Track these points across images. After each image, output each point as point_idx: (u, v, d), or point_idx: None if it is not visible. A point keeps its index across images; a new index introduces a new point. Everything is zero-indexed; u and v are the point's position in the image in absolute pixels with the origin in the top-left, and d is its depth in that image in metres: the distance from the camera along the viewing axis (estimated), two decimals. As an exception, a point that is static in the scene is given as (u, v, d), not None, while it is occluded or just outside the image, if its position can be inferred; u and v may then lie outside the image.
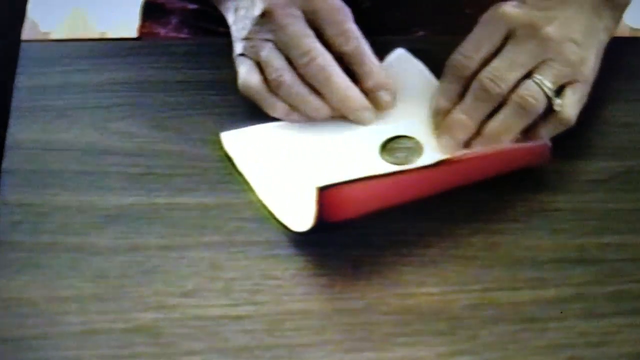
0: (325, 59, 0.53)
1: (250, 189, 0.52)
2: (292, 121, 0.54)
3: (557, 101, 0.52)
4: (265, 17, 0.54)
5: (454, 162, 0.50)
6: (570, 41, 0.53)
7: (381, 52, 0.56)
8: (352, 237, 0.50)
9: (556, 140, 0.52)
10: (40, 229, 0.50)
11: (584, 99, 0.54)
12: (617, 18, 0.57)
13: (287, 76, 0.53)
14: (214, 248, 0.49)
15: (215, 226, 0.50)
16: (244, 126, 0.54)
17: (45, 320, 0.46)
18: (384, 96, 0.54)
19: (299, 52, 0.53)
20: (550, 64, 0.53)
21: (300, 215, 0.49)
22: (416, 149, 0.53)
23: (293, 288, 0.48)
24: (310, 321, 0.46)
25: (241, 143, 0.53)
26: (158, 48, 0.60)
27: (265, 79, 0.54)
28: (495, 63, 0.52)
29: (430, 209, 0.51)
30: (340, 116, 0.54)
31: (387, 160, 0.53)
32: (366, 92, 0.54)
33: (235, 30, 0.56)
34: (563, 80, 0.53)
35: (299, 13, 0.54)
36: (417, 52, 0.57)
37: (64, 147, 0.54)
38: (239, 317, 0.46)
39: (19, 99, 0.56)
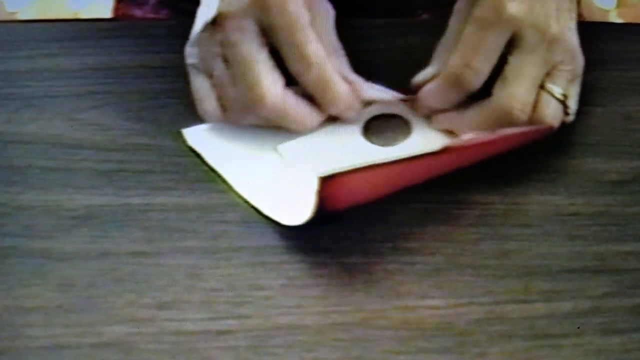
0: (276, 95, 0.48)
1: (230, 188, 0.49)
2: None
3: (570, 103, 0.51)
4: (216, 24, 0.49)
5: (457, 148, 0.48)
6: (568, 31, 0.50)
7: (383, 36, 0.53)
8: (348, 243, 0.47)
9: (574, 137, 0.51)
10: (1, 232, 0.48)
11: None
12: None
13: (237, 107, 0.49)
14: (193, 255, 0.47)
15: (195, 230, 0.48)
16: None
17: (7, 334, 0.44)
18: (350, 115, 0.51)
19: (247, 83, 0.48)
20: (559, 67, 0.50)
21: (293, 209, 0.47)
22: (403, 127, 0.52)
23: (282, 300, 0.45)
24: (301, 337, 0.44)
25: (208, 137, 0.51)
26: (135, 30, 0.58)
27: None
28: (514, 86, 0.49)
29: (434, 212, 0.48)
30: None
31: (374, 142, 0.51)
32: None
33: (196, 24, 0.51)
34: (571, 79, 0.51)
35: (252, 27, 0.48)
36: (421, 34, 0.55)
37: (29, 140, 0.52)
38: (221, 333, 0.44)
39: (-19, 85, 0.54)
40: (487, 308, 0.45)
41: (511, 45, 0.49)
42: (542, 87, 0.50)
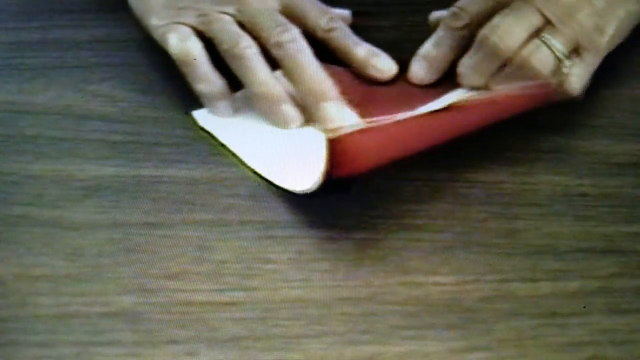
0: (299, 36, 0.50)
1: (242, 162, 0.49)
2: (218, 110, 0.51)
3: (567, 63, 0.50)
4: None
5: (461, 107, 0.48)
6: (587, 4, 0.51)
7: (396, 13, 0.53)
8: (356, 218, 0.47)
9: (584, 119, 0.51)
10: (11, 200, 0.48)
11: (594, 68, 0.52)
12: None
13: (252, 48, 0.50)
14: (203, 227, 0.47)
15: (204, 203, 0.48)
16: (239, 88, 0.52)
17: (15, 301, 0.44)
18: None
19: (273, 23, 0.50)
20: (560, 26, 0.50)
21: (304, 175, 0.47)
22: None
23: (290, 273, 0.45)
24: (308, 310, 0.44)
25: (217, 117, 0.51)
26: None
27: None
28: (499, 18, 0.50)
29: (443, 190, 0.48)
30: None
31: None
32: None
33: None
34: (573, 45, 0.50)
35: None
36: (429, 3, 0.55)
37: (40, 111, 0.52)
38: (228, 304, 0.44)
39: (-7, 56, 0.55)
40: (494, 286, 0.45)
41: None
42: (538, 36, 0.50)
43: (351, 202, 0.48)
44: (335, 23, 0.53)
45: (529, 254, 0.46)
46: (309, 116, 0.51)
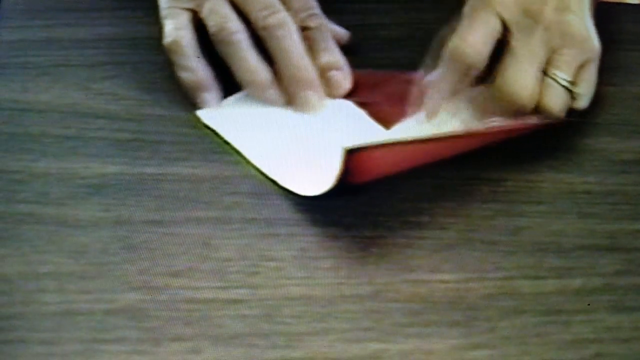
0: (285, 16, 0.50)
1: (246, 160, 0.49)
2: (203, 101, 0.51)
3: (578, 92, 0.50)
4: None
5: (480, 133, 0.48)
6: (571, 15, 0.50)
7: (395, 11, 0.53)
8: (360, 216, 0.47)
9: (588, 116, 0.51)
10: (16, 198, 0.47)
11: (596, 75, 0.51)
12: None
13: (238, 34, 0.50)
14: (206, 224, 0.47)
15: (208, 200, 0.48)
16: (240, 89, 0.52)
17: (20, 299, 0.44)
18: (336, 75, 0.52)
19: (261, 5, 0.50)
20: (560, 52, 0.50)
21: (312, 180, 0.47)
22: None
23: (294, 271, 0.45)
24: (312, 307, 0.44)
25: (222, 116, 0.51)
26: (149, 1, 0.57)
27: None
28: (514, 67, 0.49)
29: (447, 188, 0.48)
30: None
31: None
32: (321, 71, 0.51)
33: None
34: (577, 64, 0.50)
35: None
36: (432, 10, 0.55)
37: (45, 109, 0.52)
38: (233, 301, 0.44)
39: (-3, 54, 0.55)
40: (497, 283, 0.45)
41: (508, 32, 0.50)
42: (546, 74, 0.49)
43: (355, 200, 0.48)
44: (313, 22, 0.52)
45: (533, 252, 0.46)
46: (291, 100, 0.51)
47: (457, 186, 0.49)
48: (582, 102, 0.51)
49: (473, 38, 0.49)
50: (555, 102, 0.49)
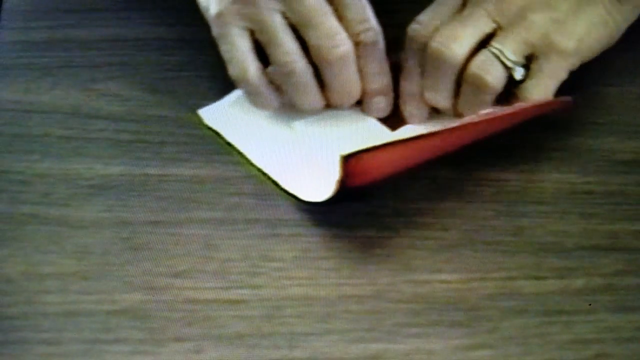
0: (349, 48, 0.48)
1: (248, 161, 0.49)
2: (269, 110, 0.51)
3: (519, 71, 0.48)
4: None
5: (474, 123, 0.48)
6: (543, 5, 0.48)
7: (406, 11, 0.53)
8: (362, 217, 0.47)
9: (589, 117, 0.50)
10: (19, 199, 0.48)
11: (561, 76, 0.49)
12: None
13: (300, 64, 0.48)
14: (209, 225, 0.47)
15: (210, 201, 0.48)
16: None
17: (23, 299, 0.44)
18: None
19: (322, 32, 0.47)
20: (510, 30, 0.48)
21: (313, 186, 0.47)
22: None
23: (295, 271, 0.45)
24: (313, 308, 0.44)
25: (224, 116, 0.51)
26: (152, 2, 0.58)
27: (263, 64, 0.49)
28: (445, 26, 0.48)
29: (449, 188, 0.48)
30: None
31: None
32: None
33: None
34: (528, 50, 0.48)
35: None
36: None
37: (47, 110, 0.52)
38: (234, 302, 0.44)
39: (0, 55, 0.54)
40: (499, 283, 0.45)
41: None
42: (487, 46, 0.48)
43: (356, 200, 0.48)
44: (368, 37, 0.49)
45: (534, 252, 0.46)
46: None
47: (459, 187, 0.49)
48: (529, 94, 0.49)
49: (456, 43, 0.48)
50: (492, 74, 0.47)
